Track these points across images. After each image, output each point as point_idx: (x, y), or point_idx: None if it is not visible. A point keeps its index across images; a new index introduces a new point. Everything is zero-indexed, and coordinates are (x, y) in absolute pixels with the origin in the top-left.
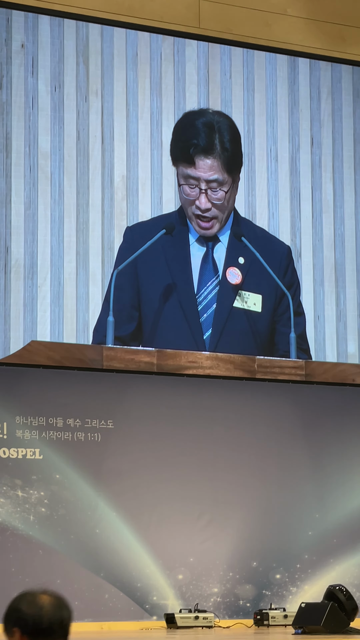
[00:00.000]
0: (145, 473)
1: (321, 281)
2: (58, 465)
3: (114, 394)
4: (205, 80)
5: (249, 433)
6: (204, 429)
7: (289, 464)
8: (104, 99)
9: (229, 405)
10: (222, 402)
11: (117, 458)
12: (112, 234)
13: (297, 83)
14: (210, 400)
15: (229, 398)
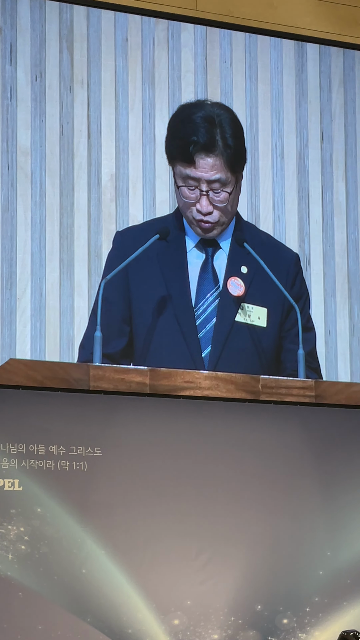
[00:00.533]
0: (137, 506)
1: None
2: (39, 497)
3: (102, 417)
4: (203, 69)
5: (253, 461)
6: (202, 457)
7: (298, 496)
8: (90, 89)
9: (230, 430)
10: (223, 427)
11: (105, 489)
12: (100, 240)
13: (306, 71)
14: (210, 425)
15: (230, 422)
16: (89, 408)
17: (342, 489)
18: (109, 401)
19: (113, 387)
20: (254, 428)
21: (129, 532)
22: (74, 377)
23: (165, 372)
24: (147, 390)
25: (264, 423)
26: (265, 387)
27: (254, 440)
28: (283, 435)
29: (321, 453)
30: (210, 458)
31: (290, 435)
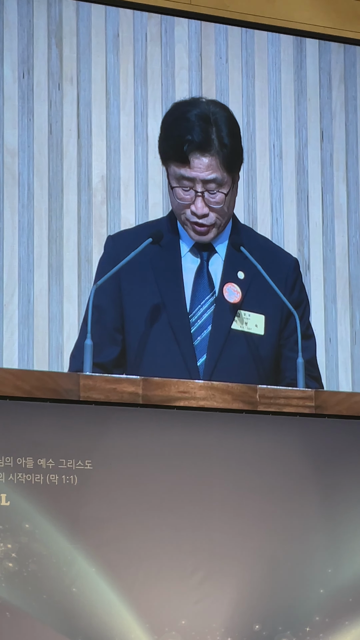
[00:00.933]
0: (129, 522)
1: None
2: (28, 512)
3: (93, 429)
4: (197, 65)
5: (250, 475)
6: (197, 471)
7: (297, 511)
8: (80, 86)
9: (227, 443)
10: (219, 439)
11: (96, 504)
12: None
13: (305, 68)
14: (205, 437)
15: (226, 434)
16: (80, 419)
17: (343, 504)
18: (100, 412)
19: (104, 398)
20: (252, 440)
21: (121, 549)
22: (63, 387)
23: (159, 381)
24: (139, 400)
25: (262, 435)
26: (263, 397)
27: (251, 452)
28: (282, 447)
29: (322, 466)
30: (205, 472)
31: (290, 448)
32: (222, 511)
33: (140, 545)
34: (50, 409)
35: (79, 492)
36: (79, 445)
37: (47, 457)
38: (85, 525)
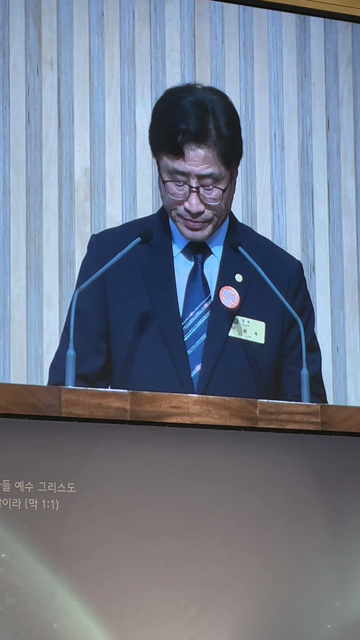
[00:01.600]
0: (116, 551)
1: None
2: (4, 541)
3: (76, 449)
4: (190, 46)
5: (250, 498)
6: (191, 494)
7: (302, 537)
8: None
9: (224, 463)
10: (215, 459)
11: (80, 531)
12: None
13: (309, 49)
14: (200, 457)
15: (223, 453)
16: (61, 438)
17: (353, 530)
18: (84, 430)
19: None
20: (251, 460)
21: (107, 581)
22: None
23: (149, 395)
24: (127, 416)
25: (263, 454)
26: (264, 412)
27: (251, 473)
28: (285, 467)
29: (329, 488)
30: (200, 495)
31: (293, 468)
32: (219, 539)
33: (128, 576)
34: (28, 426)
35: (61, 518)
36: (60, 466)
37: (26, 479)
38: (68, 555)
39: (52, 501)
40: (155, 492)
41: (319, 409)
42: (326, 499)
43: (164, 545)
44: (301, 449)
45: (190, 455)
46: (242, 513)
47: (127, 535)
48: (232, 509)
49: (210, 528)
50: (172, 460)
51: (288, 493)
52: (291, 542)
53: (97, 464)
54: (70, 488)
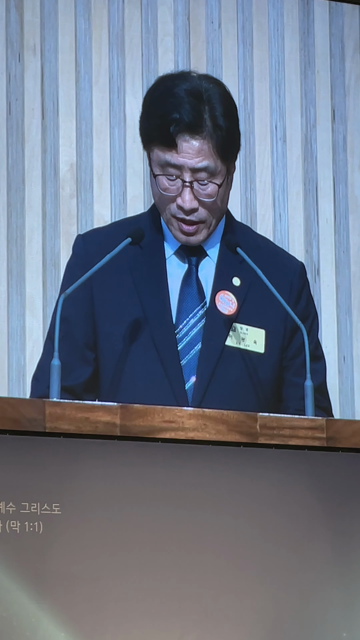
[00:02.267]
0: (105, 577)
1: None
2: None
3: (62, 466)
4: (184, 32)
5: (250, 519)
6: (187, 515)
7: (306, 562)
8: (44, 57)
9: (222, 481)
10: (212, 477)
11: (66, 556)
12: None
13: (313, 35)
14: (196, 475)
15: (221, 471)
16: (45, 455)
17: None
18: (70, 446)
19: (75, 429)
20: (251, 479)
21: (95, 610)
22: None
23: (140, 409)
24: (117, 432)
25: (263, 472)
26: (265, 427)
27: (250, 493)
28: (287, 487)
29: (335, 509)
30: (196, 516)
31: (296, 487)
32: (217, 564)
33: (119, 605)
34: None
35: (45, 542)
36: (44, 485)
37: (7, 500)
38: (53, 582)
39: (35, 523)
40: (147, 513)
41: (325, 423)
42: (332, 521)
43: (157, 571)
44: (305, 466)
45: (185, 474)
46: (242, 536)
47: (117, 560)
48: (231, 532)
49: (207, 553)
50: (165, 479)
51: (291, 515)
52: (294, 567)
53: (84, 483)
54: (55, 509)
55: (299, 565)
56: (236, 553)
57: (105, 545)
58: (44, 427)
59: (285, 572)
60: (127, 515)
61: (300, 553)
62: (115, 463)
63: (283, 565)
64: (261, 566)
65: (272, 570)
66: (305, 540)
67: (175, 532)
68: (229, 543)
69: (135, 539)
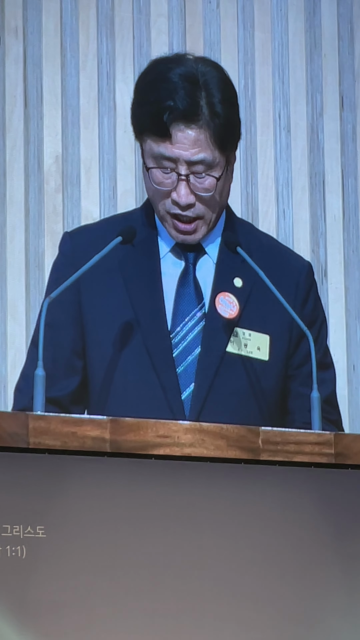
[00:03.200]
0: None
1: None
2: None
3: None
4: (179, 12)
5: (252, 542)
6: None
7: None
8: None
9: (221, 501)
10: (210, 497)
11: (51, 583)
12: (42, 244)
13: (319, 15)
14: (192, 494)
15: (220, 490)
16: (29, 472)
17: None
18: (55, 463)
19: (61, 444)
20: (253, 498)
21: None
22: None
23: (132, 423)
24: (107, 448)
25: (266, 491)
26: (268, 442)
27: (252, 514)
28: (292, 507)
29: (344, 531)
30: (193, 539)
31: (302, 507)
32: (216, 591)
33: (107, 636)
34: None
35: (29, 568)
36: (28, 506)
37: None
38: (37, 610)
39: (18, 547)
40: (140, 536)
41: (332, 438)
42: (341, 544)
43: (151, 599)
44: (311, 485)
45: (181, 493)
46: (242, 561)
47: (107, 587)
48: (231, 555)
49: (204, 579)
50: (159, 498)
51: (296, 538)
52: (300, 595)
53: (71, 504)
54: (39, 532)
55: (305, 593)
56: (236, 579)
57: (94, 571)
58: (27, 443)
59: (289, 600)
60: (117, 538)
61: (306, 580)
62: (105, 482)
63: (287, 593)
64: (263, 594)
65: (275, 598)
66: (311, 566)
67: (170, 557)
68: (228, 569)
69: (126, 564)
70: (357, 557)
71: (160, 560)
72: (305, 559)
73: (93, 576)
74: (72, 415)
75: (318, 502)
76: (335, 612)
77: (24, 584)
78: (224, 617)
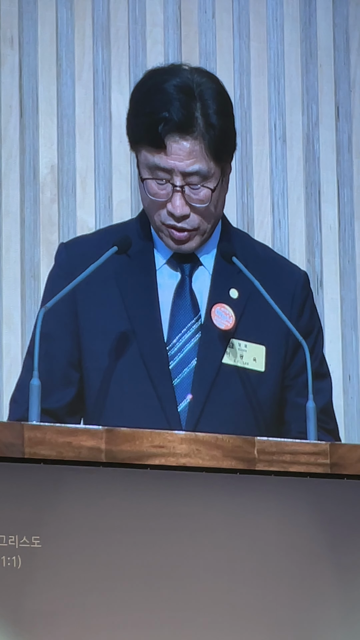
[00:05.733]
0: (89, 616)
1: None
2: None
3: (42, 496)
4: (175, 22)
5: (247, 553)
6: (178, 548)
7: (308, 601)
8: (22, 50)
9: (216, 511)
10: (206, 507)
11: (46, 594)
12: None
13: (315, 25)
14: (188, 505)
15: (215, 500)
16: (24, 483)
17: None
18: (51, 473)
19: (56, 455)
20: (249, 508)
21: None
22: (3, 440)
23: (127, 433)
24: (102, 458)
25: (262, 501)
26: (264, 452)
27: (248, 524)
28: (288, 517)
29: (340, 542)
30: (189, 549)
31: (298, 517)
32: (211, 602)
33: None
34: None
35: (24, 578)
36: (23, 516)
37: None
38: (33, 621)
39: (13, 558)
40: (135, 546)
41: (328, 448)
42: (337, 555)
43: (146, 610)
44: (307, 495)
45: (177, 503)
46: (238, 572)
47: (103, 597)
48: (226, 566)
49: (200, 590)
50: (154, 509)
51: (292, 548)
52: (295, 606)
53: (66, 514)
54: (35, 542)
55: (300, 604)
56: (232, 590)
57: (89, 582)
58: (22, 453)
59: (284, 611)
60: (113, 548)
61: (301, 590)
62: (100, 492)
63: (282, 604)
64: (259, 604)
65: (270, 609)
66: (307, 577)
67: (165, 567)
68: (223, 579)
69: (122, 575)
70: (352, 568)
71: (155, 571)
72: (300, 569)
73: (88, 586)
74: (67, 425)
75: (314, 512)
76: (330, 622)
77: (20, 594)
78: (219, 627)
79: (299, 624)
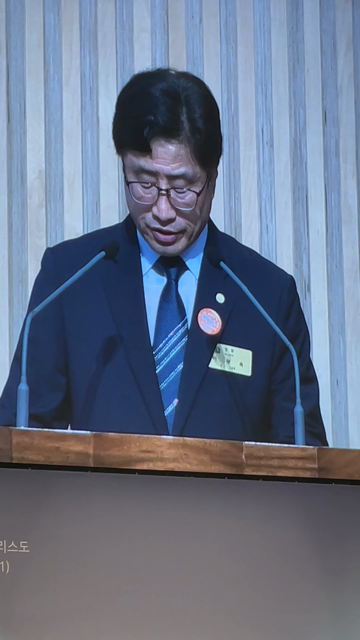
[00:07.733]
0: (78, 622)
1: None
2: None
3: (30, 501)
4: (162, 26)
5: (235, 557)
6: (166, 553)
7: (296, 605)
8: (10, 55)
9: (204, 516)
10: (194, 512)
11: (35, 599)
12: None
13: (302, 29)
14: (176, 509)
15: (203, 505)
16: (12, 488)
17: (356, 595)
18: (38, 478)
19: (44, 460)
20: (236, 513)
21: None
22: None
23: (115, 438)
24: (90, 462)
25: (250, 506)
26: (251, 457)
27: (236, 529)
28: (275, 521)
29: (327, 546)
30: (177, 554)
31: (286, 522)
32: (199, 607)
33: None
34: None
35: (13, 583)
36: (11, 521)
37: None
38: (21, 627)
39: (1, 563)
40: (123, 551)
41: (316, 452)
42: (325, 559)
43: (135, 615)
44: (295, 499)
45: (164, 508)
46: (226, 576)
47: (91, 603)
48: (214, 571)
49: (188, 593)
50: (142, 513)
51: (279, 552)
52: (283, 610)
53: (54, 519)
54: (23, 547)
55: (288, 608)
56: (220, 594)
57: (78, 587)
58: (10, 458)
59: (273, 615)
60: (101, 553)
61: (289, 594)
62: (89, 496)
63: (271, 608)
64: (247, 608)
65: (259, 612)
66: (295, 581)
67: (154, 572)
68: (212, 583)
69: (110, 579)
70: (340, 572)
71: (144, 575)
72: (288, 573)
73: (77, 591)
74: (55, 430)
75: (302, 517)
76: (319, 626)
77: (8, 599)
78: (207, 632)
79: (287, 627)
